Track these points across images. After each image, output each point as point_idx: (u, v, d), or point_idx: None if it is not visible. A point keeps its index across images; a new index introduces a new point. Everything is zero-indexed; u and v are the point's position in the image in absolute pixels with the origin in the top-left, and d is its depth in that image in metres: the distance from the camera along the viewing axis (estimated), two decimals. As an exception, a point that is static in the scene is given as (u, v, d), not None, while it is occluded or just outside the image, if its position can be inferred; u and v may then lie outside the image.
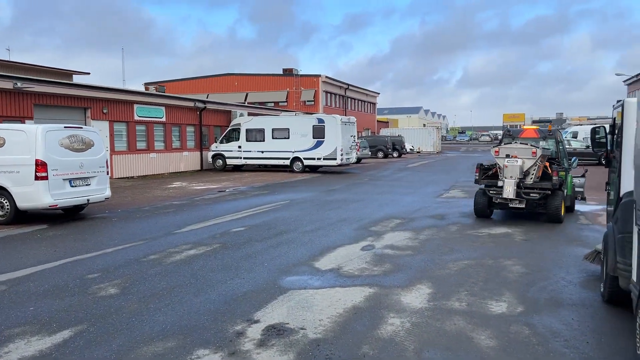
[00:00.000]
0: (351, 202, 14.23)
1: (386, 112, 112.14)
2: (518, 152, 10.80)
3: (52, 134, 10.81)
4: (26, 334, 4.86)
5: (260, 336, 4.78)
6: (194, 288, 6.28)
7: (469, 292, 6.07)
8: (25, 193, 10.59)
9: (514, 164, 10.66)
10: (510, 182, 10.61)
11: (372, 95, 62.86)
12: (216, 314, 5.39)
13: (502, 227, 10.32)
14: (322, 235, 9.52)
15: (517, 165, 10.61)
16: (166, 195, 16.39)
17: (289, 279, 6.69)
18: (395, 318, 5.24)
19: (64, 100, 19.76)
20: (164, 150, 25.53)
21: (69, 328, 4.99)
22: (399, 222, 11.02)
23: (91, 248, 8.54)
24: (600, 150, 6.70)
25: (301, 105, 45.29)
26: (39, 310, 5.52)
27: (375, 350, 4.48)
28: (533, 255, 7.92)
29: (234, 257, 7.84)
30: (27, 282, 6.57)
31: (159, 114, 25.23)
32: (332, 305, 5.63)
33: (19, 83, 17.32)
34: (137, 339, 4.72)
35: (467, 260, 7.62)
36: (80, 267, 7.33)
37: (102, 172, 11.91)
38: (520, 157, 10.70)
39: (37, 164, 10.48)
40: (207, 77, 50.39)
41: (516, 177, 10.60)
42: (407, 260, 7.67)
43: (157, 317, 5.28)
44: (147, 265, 7.38)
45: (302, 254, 8.05)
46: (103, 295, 6.03)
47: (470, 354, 4.40)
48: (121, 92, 23.54)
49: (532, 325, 5.04)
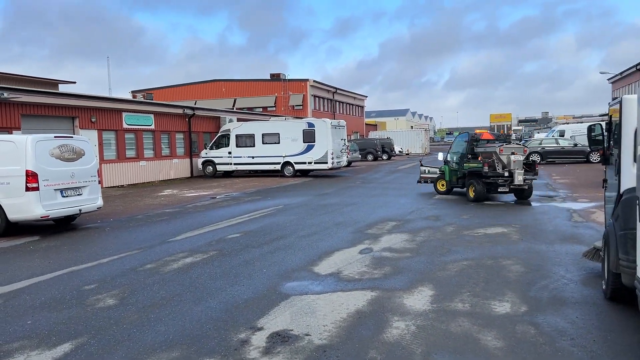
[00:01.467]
0: (345, 206, 14.20)
1: (374, 115, 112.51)
2: (516, 150, 13.89)
3: (42, 144, 10.66)
4: (25, 348, 4.75)
5: (265, 344, 4.72)
6: (193, 296, 6.20)
7: (471, 293, 6.06)
8: (16, 204, 10.43)
9: (519, 159, 13.73)
10: (520, 172, 13.67)
11: (360, 98, 63.03)
12: (218, 322, 5.31)
13: (497, 227, 10.35)
14: (319, 240, 9.48)
15: (520, 160, 13.75)
16: (158, 203, 16.25)
17: (289, 284, 6.64)
18: (400, 321, 5.20)
19: (52, 110, 19.54)
20: (153, 158, 25.34)
21: (69, 341, 4.89)
22: (394, 224, 11.01)
23: (86, 259, 8.42)
24: (597, 148, 6.73)
25: (290, 110, 45.28)
26: (37, 323, 5.41)
27: (382, 354, 4.44)
28: (531, 255, 7.94)
29: (232, 264, 7.77)
30: (22, 295, 6.44)
31: (148, 121, 25.05)
32: (335, 310, 5.58)
33: (5, 93, 17.09)
34: (140, 351, 4.63)
35: (467, 261, 7.61)
36: (76, 278, 7.21)
37: (94, 182, 11.77)
38: (518, 154, 13.83)
39: (28, 175, 10.33)
40: (195, 83, 50.20)
41: (521, 168, 13.69)
42: (406, 262, 7.65)
43: (159, 327, 5.19)
44: (145, 275, 7.28)
45: (301, 259, 8.00)
46: (101, 306, 5.93)
47: (478, 355, 4.38)
48: (109, 100, 23.35)
49: (538, 324, 5.03)
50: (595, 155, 28.71)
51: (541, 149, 30.66)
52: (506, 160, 13.77)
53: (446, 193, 16.23)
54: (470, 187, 14.53)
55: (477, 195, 14.17)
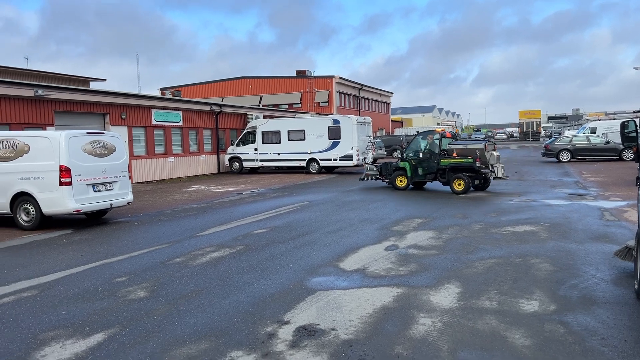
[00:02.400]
0: (371, 203, 14.19)
1: (400, 111, 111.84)
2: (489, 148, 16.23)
3: (75, 140, 10.95)
4: (61, 337, 4.92)
5: (291, 337, 4.78)
6: (221, 290, 6.31)
7: (498, 291, 6.01)
8: (50, 199, 10.73)
9: (496, 155, 16.16)
10: (500, 166, 16.08)
11: (386, 95, 62.69)
12: (246, 315, 5.40)
13: (525, 226, 10.21)
14: (344, 236, 9.50)
15: (498, 156, 16.26)
16: (186, 198, 16.50)
17: (315, 279, 6.69)
18: (426, 318, 5.20)
19: (84, 106, 20.01)
20: (181, 154, 25.73)
21: (102, 331, 5.04)
22: (420, 221, 10.96)
23: (117, 252, 8.63)
24: (630, 145, 6.56)
25: (315, 107, 45.34)
26: (71, 314, 5.58)
27: (408, 350, 4.45)
28: (561, 253, 7.81)
29: (258, 259, 7.86)
30: (57, 286, 6.65)
31: (176, 118, 25.43)
32: (361, 306, 5.61)
33: (39, 91, 17.57)
34: (170, 342, 4.75)
35: (494, 259, 7.54)
36: (107, 270, 7.40)
37: (124, 177, 12.03)
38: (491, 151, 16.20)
39: (62, 170, 10.62)
40: (221, 80, 50.68)
41: (499, 162, 16.12)
42: (432, 259, 7.62)
43: (188, 320, 5.30)
44: (174, 268, 7.43)
45: (326, 255, 8.04)
46: (132, 298, 6.08)
47: (506, 353, 4.35)
48: (139, 97, 23.79)
49: (567, 323, 4.97)
50: (629, 152, 27.98)
51: (571, 147, 30.02)
52: (488, 156, 15.90)
53: (404, 189, 16.99)
54: (456, 180, 15.73)
55: (465, 187, 15.55)
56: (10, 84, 17.12)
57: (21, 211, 10.99)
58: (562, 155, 29.86)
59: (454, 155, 15.99)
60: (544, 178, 20.37)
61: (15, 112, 17.19)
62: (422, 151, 16.66)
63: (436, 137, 16.60)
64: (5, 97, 16.79)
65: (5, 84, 16.81)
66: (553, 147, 30.65)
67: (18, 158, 10.92)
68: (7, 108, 16.89)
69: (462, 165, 15.87)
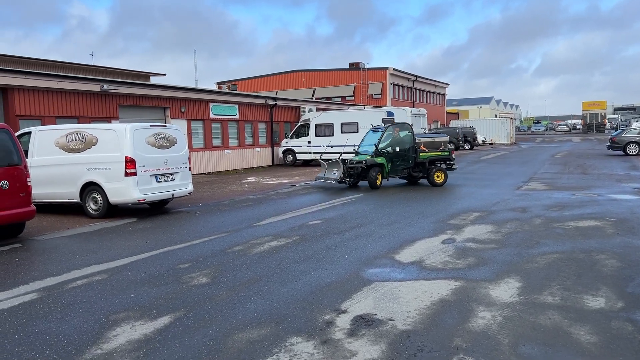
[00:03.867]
0: (425, 195, 14.03)
1: (455, 103, 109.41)
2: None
3: (139, 132, 11.43)
4: (130, 318, 5.20)
5: (349, 326, 4.84)
6: (279, 278, 6.45)
7: (561, 287, 5.84)
8: (116, 188, 11.27)
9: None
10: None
11: (441, 86, 61.48)
12: (304, 303, 5.50)
13: (589, 221, 9.82)
14: (399, 229, 9.47)
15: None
16: (242, 189, 16.89)
17: (371, 270, 6.72)
18: (486, 312, 5.13)
19: (146, 100, 20.80)
20: (237, 146, 26.31)
21: (168, 314, 5.28)
22: (478, 215, 10.75)
23: (179, 240, 8.97)
24: None
25: (368, 99, 45.09)
26: (139, 297, 5.88)
27: (467, 343, 4.41)
28: (628, 249, 7.48)
29: (314, 249, 7.97)
30: (125, 271, 7.00)
31: (233, 111, 25.99)
32: (418, 298, 5.59)
33: (105, 86, 18.44)
34: (232, 326, 4.91)
35: (556, 254, 7.31)
36: (171, 257, 7.72)
37: (185, 168, 12.45)
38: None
39: (127, 161, 11.12)
40: (275, 74, 51.25)
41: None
42: (491, 253, 7.48)
43: (249, 306, 5.47)
44: (233, 256, 7.65)
45: (382, 247, 8.05)
46: (195, 284, 6.32)
47: (570, 349, 4.24)
48: (198, 91, 24.47)
49: (636, 321, 4.77)
50: None
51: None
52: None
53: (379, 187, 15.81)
54: (437, 173, 16.19)
55: (445, 179, 16.20)
56: (80, 79, 18.06)
57: (90, 200, 11.61)
58: (629, 148, 28.38)
59: (422, 148, 16.24)
60: (609, 172, 19.45)
61: (83, 106, 18.10)
62: (399, 145, 16.04)
63: (407, 130, 16.43)
64: (75, 92, 17.71)
65: (75, 80, 17.74)
66: (620, 139, 29.17)
67: (87, 150, 11.52)
68: (76, 102, 17.82)
69: (440, 157, 16.47)
